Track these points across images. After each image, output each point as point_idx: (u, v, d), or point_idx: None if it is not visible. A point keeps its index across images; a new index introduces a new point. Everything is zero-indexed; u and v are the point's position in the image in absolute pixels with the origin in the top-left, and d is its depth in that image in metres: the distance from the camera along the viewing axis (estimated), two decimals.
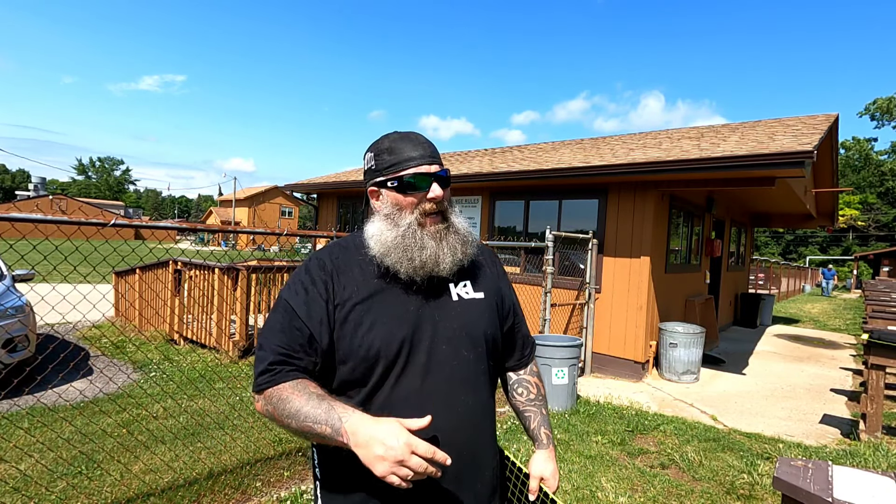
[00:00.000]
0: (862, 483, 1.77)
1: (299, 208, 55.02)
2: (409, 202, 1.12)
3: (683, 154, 5.64)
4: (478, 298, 1.20)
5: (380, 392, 1.07)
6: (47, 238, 1.96)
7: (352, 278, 1.12)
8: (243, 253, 16.88)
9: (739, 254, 11.53)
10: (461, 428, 1.11)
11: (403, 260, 1.08)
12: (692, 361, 6.06)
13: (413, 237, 1.10)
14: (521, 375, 1.36)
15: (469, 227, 1.21)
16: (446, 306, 1.15)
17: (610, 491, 3.19)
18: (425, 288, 1.13)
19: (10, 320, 4.56)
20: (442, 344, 1.11)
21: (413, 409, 1.04)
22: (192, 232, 22.66)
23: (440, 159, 1.18)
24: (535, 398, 1.35)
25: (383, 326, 1.07)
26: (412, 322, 1.09)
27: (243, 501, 2.88)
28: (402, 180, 1.12)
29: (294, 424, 0.99)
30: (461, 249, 1.15)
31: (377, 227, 1.15)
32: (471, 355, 1.14)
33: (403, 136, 1.17)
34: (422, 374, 1.08)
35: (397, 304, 1.10)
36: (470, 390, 1.13)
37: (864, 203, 47.05)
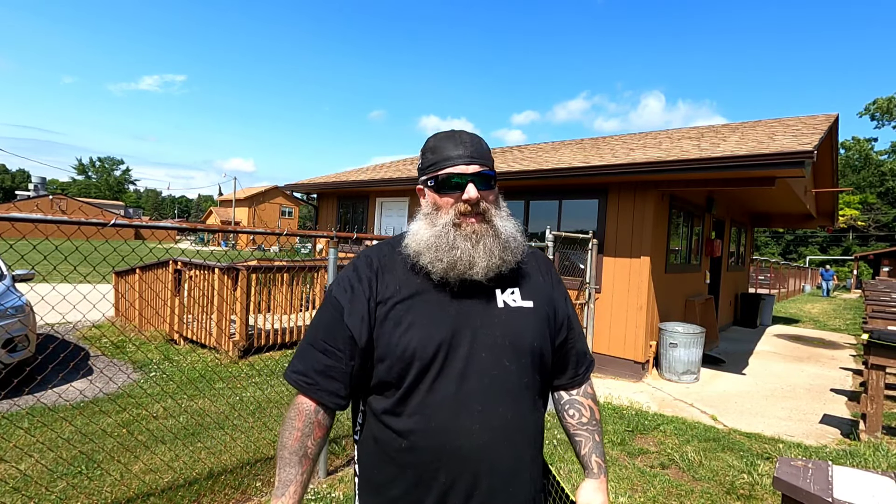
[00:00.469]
0: (862, 483, 1.77)
1: (299, 208, 55.01)
2: (446, 202, 1.11)
3: (683, 154, 5.64)
4: (526, 307, 1.15)
5: (414, 394, 1.05)
6: (47, 238, 1.96)
7: (395, 277, 1.12)
8: (243, 253, 16.84)
9: (739, 254, 11.53)
10: (496, 441, 1.05)
11: (435, 260, 1.07)
12: (692, 361, 6.05)
13: (446, 237, 1.08)
14: (573, 396, 1.27)
15: (517, 232, 1.16)
16: (490, 313, 1.11)
17: (610, 491, 3.19)
18: (469, 292, 1.10)
19: (10, 320, 4.56)
20: (482, 351, 1.07)
21: (447, 416, 1.03)
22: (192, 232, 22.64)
23: (483, 159, 1.13)
24: (587, 422, 1.25)
25: (421, 328, 1.06)
26: (451, 326, 1.07)
27: (243, 501, 2.88)
28: (438, 180, 1.11)
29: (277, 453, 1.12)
30: (499, 254, 1.10)
31: (416, 225, 1.15)
32: (513, 366, 1.09)
33: (449, 134, 1.16)
34: (458, 380, 1.05)
35: (438, 306, 1.08)
36: (509, 403, 1.08)
37: (864, 203, 47.03)
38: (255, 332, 6.05)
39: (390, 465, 1.07)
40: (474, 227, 1.09)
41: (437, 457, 1.03)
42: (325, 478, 3.20)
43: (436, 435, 1.03)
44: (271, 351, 6.11)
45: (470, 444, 1.03)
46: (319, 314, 1.15)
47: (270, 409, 4.32)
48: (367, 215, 10.07)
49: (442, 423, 1.03)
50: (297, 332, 6.47)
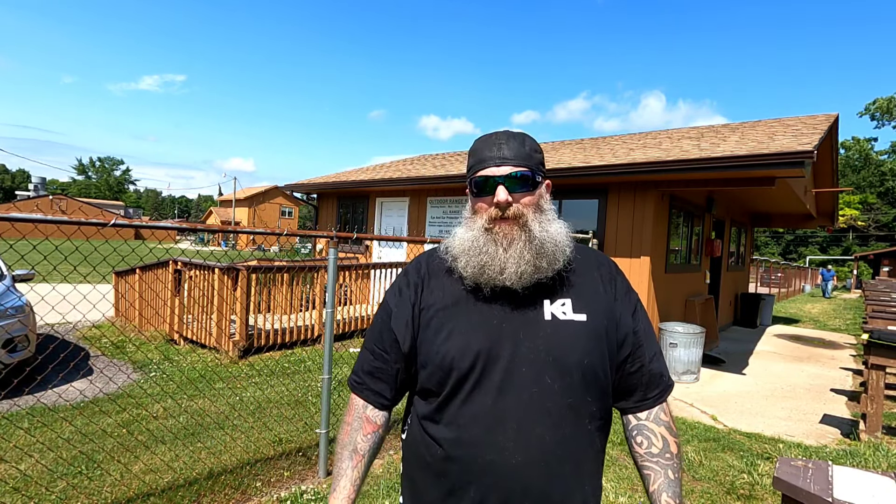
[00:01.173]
0: (862, 483, 1.77)
1: (299, 208, 55.01)
2: (480, 206, 1.08)
3: (683, 154, 5.64)
4: (577, 321, 1.05)
5: (452, 404, 1.03)
6: (47, 238, 1.96)
7: (440, 283, 1.12)
8: (243, 253, 16.84)
9: (739, 254, 11.53)
10: (530, 463, 0.98)
11: (468, 265, 1.05)
12: (692, 361, 6.05)
13: (477, 241, 1.06)
14: (641, 421, 1.11)
15: (560, 237, 1.07)
16: (534, 325, 1.03)
17: (610, 491, 3.19)
18: (513, 302, 1.05)
19: (10, 320, 4.56)
20: (522, 366, 1.00)
21: (481, 429, 0.99)
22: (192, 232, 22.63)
23: (520, 159, 1.05)
24: (659, 453, 1.07)
25: (460, 336, 1.03)
26: (492, 336, 1.02)
27: (243, 501, 2.88)
28: (472, 184, 1.08)
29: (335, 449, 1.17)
30: (532, 259, 1.02)
31: (459, 230, 1.13)
32: (556, 384, 1.00)
33: (488, 136, 1.11)
34: (495, 394, 1.00)
35: (479, 315, 1.05)
36: (550, 424, 0.99)
37: (864, 203, 47.04)
38: (255, 332, 6.05)
39: (428, 470, 1.07)
40: (505, 231, 1.04)
41: (468, 469, 1.00)
42: (325, 478, 3.20)
43: (468, 447, 1.00)
44: (271, 351, 6.11)
45: (502, 462, 0.98)
46: (375, 317, 1.20)
47: (270, 409, 4.32)
48: (367, 215, 10.07)
49: (475, 436, 1.00)
50: (297, 332, 6.47)
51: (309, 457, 3.43)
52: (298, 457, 3.43)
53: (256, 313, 6.15)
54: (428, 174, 8.54)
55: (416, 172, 9.14)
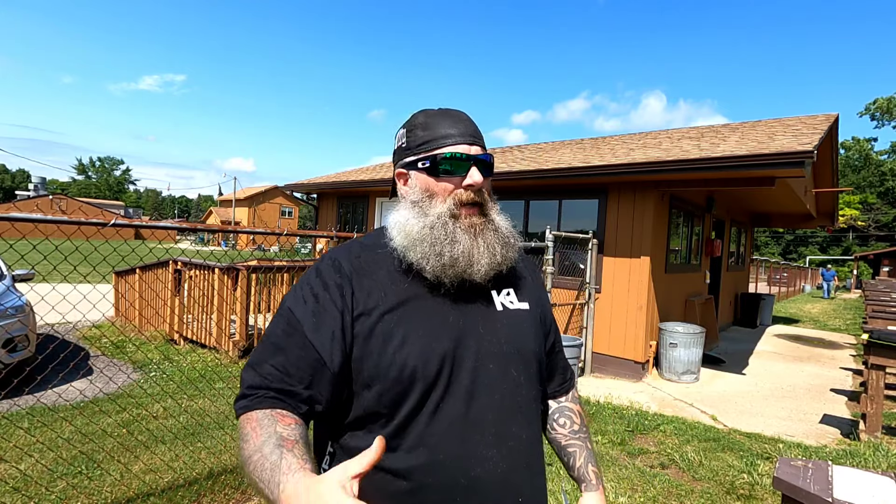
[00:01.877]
0: (862, 483, 1.77)
1: (299, 208, 55.01)
2: (443, 188, 0.94)
3: (683, 154, 5.64)
4: (523, 309, 1.01)
5: (415, 422, 0.86)
6: (47, 238, 1.96)
7: (377, 282, 0.92)
8: (243, 253, 16.85)
9: (739, 254, 11.53)
10: (516, 468, 0.91)
11: (430, 255, 0.90)
12: (692, 361, 6.05)
13: (443, 229, 0.91)
14: (562, 403, 1.16)
15: (512, 228, 1.02)
16: (490, 317, 0.96)
17: (610, 491, 3.19)
18: (465, 295, 0.94)
19: (10, 320, 4.56)
20: (489, 362, 0.91)
21: (458, 443, 0.86)
22: (192, 232, 22.64)
23: (483, 141, 0.98)
24: (579, 430, 1.13)
25: (419, 340, 0.88)
26: (453, 335, 0.90)
27: (243, 501, 2.88)
28: (435, 160, 0.93)
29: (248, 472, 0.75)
30: (501, 251, 0.95)
31: (402, 215, 0.96)
32: (521, 377, 0.95)
33: (443, 111, 1.00)
34: (466, 399, 0.88)
35: (435, 313, 0.91)
36: (524, 421, 0.94)
37: (864, 203, 47.04)
38: (255, 331, 6.05)
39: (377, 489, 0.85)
40: (473, 219, 0.94)
41: (449, 495, 0.85)
42: None
43: (446, 468, 0.85)
44: None
45: (487, 475, 0.87)
46: (270, 329, 0.91)
47: None
48: (367, 215, 10.07)
49: (453, 453, 0.86)
50: None
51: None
52: None
53: (256, 313, 6.15)
54: None
55: None
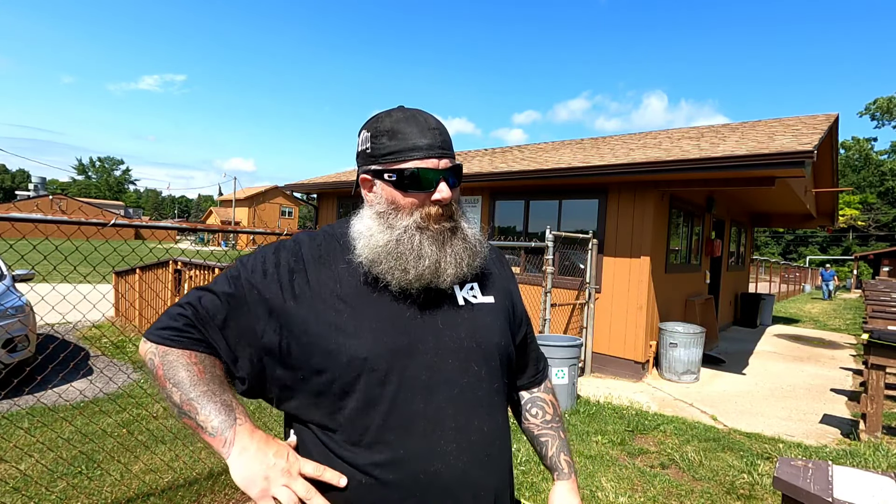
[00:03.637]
0: (862, 483, 1.77)
1: (299, 208, 55.01)
2: (409, 202, 0.92)
3: (683, 154, 5.64)
4: (487, 303, 1.01)
5: (371, 416, 0.86)
6: (47, 238, 1.96)
7: (334, 273, 0.92)
8: (243, 253, 16.81)
9: (739, 254, 11.53)
10: (477, 462, 0.90)
11: (395, 270, 0.89)
12: (692, 361, 6.05)
13: (409, 243, 0.90)
14: (535, 394, 1.18)
15: (480, 235, 1.02)
16: (451, 312, 0.95)
17: (610, 491, 3.19)
18: (426, 291, 0.93)
19: (10, 320, 4.56)
20: (447, 357, 0.91)
21: (417, 439, 0.86)
22: (192, 232, 22.64)
23: (452, 150, 0.97)
24: (551, 419, 1.16)
25: (371, 333, 0.87)
26: (409, 329, 0.90)
27: (243, 501, 2.88)
28: (403, 175, 0.91)
29: (176, 396, 0.85)
30: (468, 261, 0.95)
31: (366, 224, 0.94)
32: (483, 371, 0.94)
33: (410, 116, 0.94)
34: (424, 393, 0.88)
35: (391, 307, 0.91)
36: (485, 414, 0.93)
37: (864, 203, 47.06)
38: None
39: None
40: (442, 224, 0.93)
41: (409, 492, 0.85)
42: None
43: (406, 464, 0.85)
44: None
45: (448, 470, 0.87)
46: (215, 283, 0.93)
47: (270, 408, 4.32)
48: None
49: (412, 449, 0.86)
50: None
51: None
52: None
53: None
54: None
55: None
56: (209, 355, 0.90)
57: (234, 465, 0.83)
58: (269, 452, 0.84)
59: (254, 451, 0.83)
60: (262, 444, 0.84)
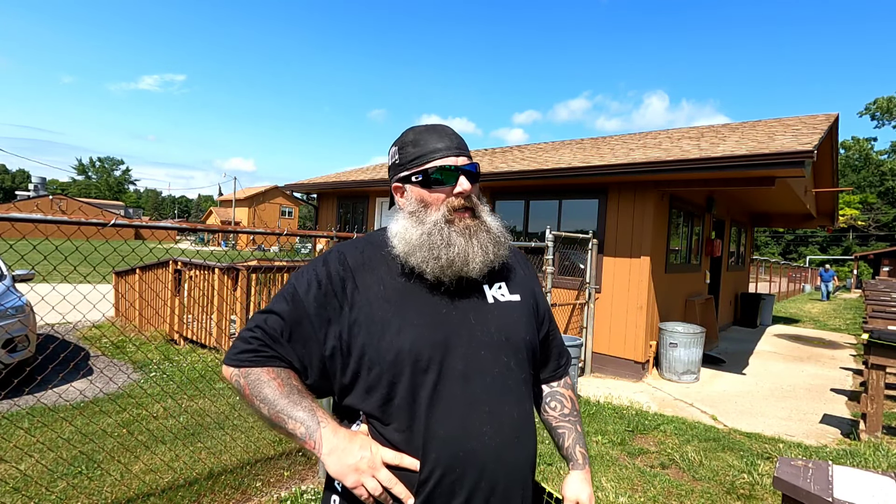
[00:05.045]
0: (862, 483, 1.77)
1: (299, 208, 55.02)
2: (435, 198, 1.05)
3: (683, 154, 5.64)
4: (514, 301, 1.12)
5: (414, 404, 0.97)
6: (47, 238, 1.96)
7: (377, 277, 1.05)
8: (243, 253, 16.85)
9: (739, 254, 11.53)
10: (508, 444, 1.01)
11: (429, 259, 1.01)
12: (692, 361, 6.05)
13: (440, 234, 1.02)
14: (554, 388, 1.28)
15: (502, 227, 1.12)
16: (482, 309, 1.06)
17: (610, 491, 3.19)
18: (458, 290, 1.05)
19: (10, 320, 4.56)
20: (480, 349, 1.02)
21: (456, 422, 0.97)
22: (192, 232, 22.65)
23: (468, 152, 1.11)
24: (569, 413, 1.25)
25: (414, 329, 0.99)
26: (446, 325, 1.01)
27: (243, 501, 2.88)
28: (427, 174, 1.05)
29: (265, 411, 0.97)
30: (493, 250, 1.06)
31: (401, 224, 1.07)
32: (512, 362, 1.05)
33: (429, 127, 1.11)
34: (461, 383, 0.99)
35: (428, 305, 1.02)
36: (514, 401, 1.04)
37: (864, 203, 47.06)
38: None
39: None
40: (467, 222, 1.05)
41: (451, 469, 0.96)
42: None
43: (448, 444, 0.96)
44: None
45: (484, 449, 0.98)
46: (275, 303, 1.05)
47: None
48: (367, 215, 10.07)
49: (451, 431, 0.97)
50: None
51: (309, 457, 3.43)
52: (298, 457, 3.43)
53: None
54: None
55: None
56: (284, 368, 1.01)
57: (327, 463, 0.95)
58: (355, 447, 0.95)
59: (341, 449, 0.94)
60: (347, 441, 0.95)
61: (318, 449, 0.95)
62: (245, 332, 1.04)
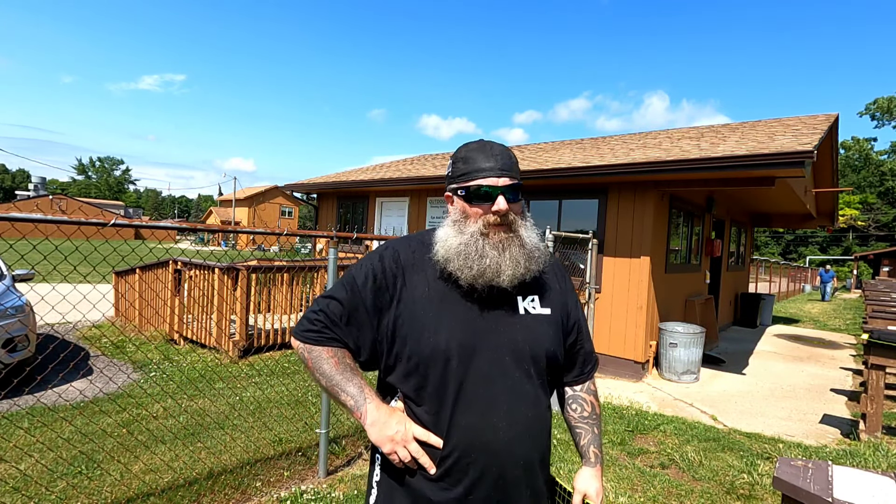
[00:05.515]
0: (862, 483, 1.77)
1: (299, 208, 55.01)
2: (475, 212, 1.16)
3: (683, 154, 5.64)
4: (544, 314, 1.23)
5: (444, 394, 1.12)
6: (47, 238, 1.96)
7: (424, 278, 1.18)
8: (243, 253, 16.84)
9: (739, 254, 11.53)
10: (520, 439, 1.14)
11: (464, 267, 1.12)
12: (692, 361, 6.05)
13: (475, 246, 1.13)
14: (577, 392, 1.37)
15: (539, 243, 1.22)
16: (513, 319, 1.18)
17: (610, 491, 3.19)
18: (493, 299, 1.16)
19: (10, 320, 4.56)
20: (505, 355, 1.14)
21: (476, 415, 1.11)
22: (192, 232, 22.64)
23: (513, 171, 1.18)
24: (588, 416, 1.35)
25: (448, 330, 1.12)
26: (477, 330, 1.14)
27: (243, 501, 2.88)
28: (469, 190, 1.15)
29: (323, 382, 1.18)
30: (524, 263, 1.16)
31: (445, 232, 1.19)
32: (531, 369, 1.17)
33: (481, 146, 1.20)
34: (485, 382, 1.12)
35: (465, 310, 1.15)
36: (530, 403, 1.17)
37: (864, 203, 47.04)
38: (255, 332, 6.04)
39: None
40: (501, 236, 1.15)
41: (467, 452, 1.11)
42: (325, 478, 3.20)
43: (466, 432, 1.11)
44: (271, 351, 6.11)
45: (497, 440, 1.11)
46: (336, 289, 1.20)
47: (270, 409, 4.32)
48: (367, 215, 10.07)
49: (471, 422, 1.11)
50: None
51: (309, 457, 3.43)
52: (298, 457, 3.43)
53: (256, 313, 6.15)
54: (428, 174, 8.54)
55: (416, 172, 9.14)
56: (340, 348, 1.19)
57: (369, 431, 1.13)
58: (392, 422, 1.13)
59: (381, 422, 1.13)
60: (386, 416, 1.13)
61: (363, 419, 1.13)
62: (310, 312, 1.21)
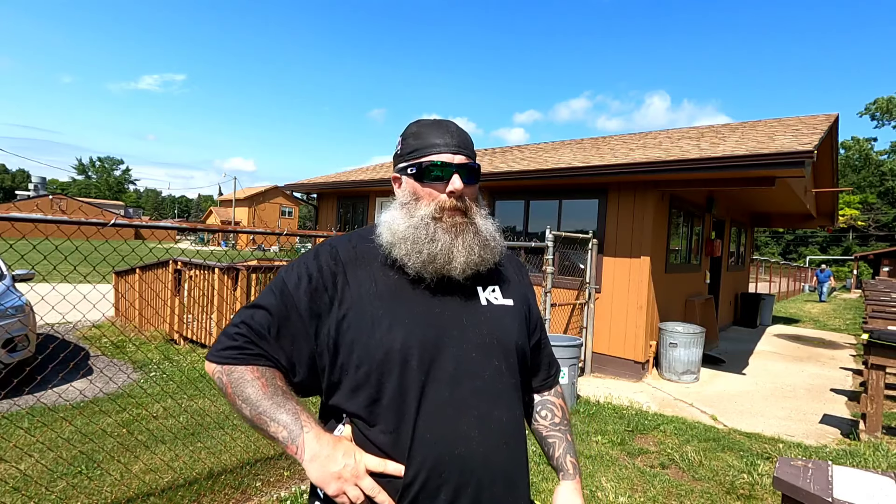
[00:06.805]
0: (862, 483, 1.77)
1: (299, 208, 55.02)
2: (427, 192, 1.04)
3: (683, 154, 5.64)
4: (507, 305, 1.10)
5: (403, 404, 0.93)
6: (47, 238, 1.96)
7: (370, 272, 1.02)
8: (243, 253, 16.86)
9: (739, 254, 11.53)
10: (497, 448, 0.98)
11: (412, 252, 0.98)
12: (692, 361, 6.05)
13: (425, 229, 1.00)
14: (545, 397, 1.25)
15: (496, 232, 1.10)
16: (475, 311, 1.04)
17: (610, 491, 3.19)
18: (451, 289, 1.03)
19: (10, 320, 4.56)
20: (472, 351, 0.99)
21: (444, 424, 0.94)
22: (192, 232, 22.65)
23: (470, 151, 1.08)
24: (559, 423, 1.22)
25: (404, 327, 0.96)
26: (437, 324, 0.98)
27: (243, 501, 2.88)
28: (421, 167, 1.03)
29: (247, 411, 0.93)
30: (479, 251, 1.03)
31: (391, 214, 1.06)
32: (502, 365, 1.03)
33: (434, 122, 1.09)
34: (450, 384, 0.95)
35: (421, 304, 1.00)
36: (504, 405, 1.01)
37: (864, 203, 47.03)
38: None
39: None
40: (455, 220, 1.03)
41: (436, 471, 0.92)
42: None
43: (432, 447, 0.92)
44: None
45: (470, 453, 0.94)
46: (263, 297, 1.01)
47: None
48: (367, 215, 10.07)
49: (439, 433, 0.93)
50: None
51: None
52: None
53: None
54: None
55: None
56: (269, 367, 0.97)
57: (308, 470, 0.90)
58: (338, 455, 0.90)
59: (324, 456, 0.90)
60: (330, 448, 0.91)
61: (300, 455, 0.90)
62: (230, 327, 1.00)
